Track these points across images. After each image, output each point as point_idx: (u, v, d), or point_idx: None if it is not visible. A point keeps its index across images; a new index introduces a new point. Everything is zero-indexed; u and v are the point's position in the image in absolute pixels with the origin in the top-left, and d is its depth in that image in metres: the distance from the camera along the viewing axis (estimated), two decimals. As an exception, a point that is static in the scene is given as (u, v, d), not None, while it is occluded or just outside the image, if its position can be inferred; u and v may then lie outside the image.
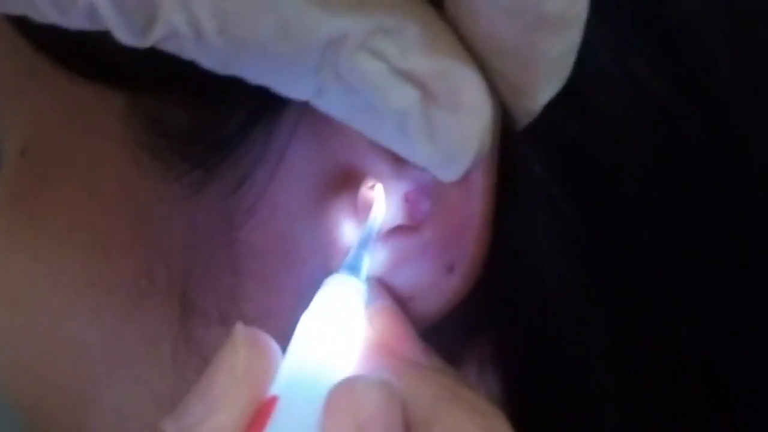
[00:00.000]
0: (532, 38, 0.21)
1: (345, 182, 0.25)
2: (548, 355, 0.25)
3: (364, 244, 0.24)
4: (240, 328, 0.22)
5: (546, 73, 0.22)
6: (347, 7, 0.20)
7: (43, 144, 0.26)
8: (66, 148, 0.25)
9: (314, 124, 0.24)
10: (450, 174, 0.22)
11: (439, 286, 0.24)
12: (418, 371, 0.22)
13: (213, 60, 0.20)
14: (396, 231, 0.25)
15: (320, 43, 0.20)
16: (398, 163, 0.24)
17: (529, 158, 0.24)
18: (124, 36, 0.20)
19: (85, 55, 0.21)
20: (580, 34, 0.21)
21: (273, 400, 0.21)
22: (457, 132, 0.21)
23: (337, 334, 0.23)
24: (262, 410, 0.21)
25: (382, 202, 0.25)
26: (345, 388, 0.20)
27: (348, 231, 0.25)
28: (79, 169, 0.25)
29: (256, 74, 0.21)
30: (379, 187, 0.25)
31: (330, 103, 0.22)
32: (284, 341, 0.25)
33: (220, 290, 0.25)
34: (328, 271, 0.25)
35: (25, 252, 0.27)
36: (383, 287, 0.25)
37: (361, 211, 0.25)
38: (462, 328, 0.26)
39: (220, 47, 0.20)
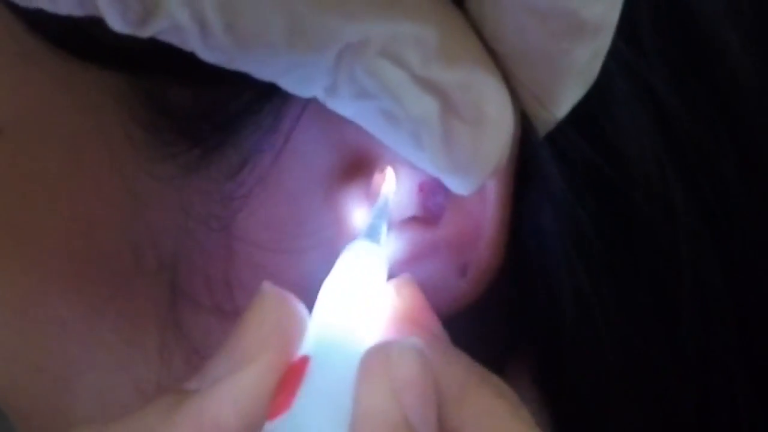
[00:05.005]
0: (565, 45, 0.19)
1: (356, 168, 0.24)
2: (565, 367, 0.24)
3: (380, 213, 0.23)
4: (268, 286, 0.21)
5: (573, 81, 0.20)
6: (368, 11, 0.19)
7: (25, 121, 0.23)
8: (50, 125, 0.23)
9: (325, 107, 0.22)
10: (464, 187, 0.21)
11: (449, 286, 0.23)
12: (446, 348, 0.21)
13: (217, 56, 0.19)
14: (409, 223, 0.24)
15: (337, 47, 0.19)
16: None
17: (547, 168, 0.23)
18: (119, 25, 0.18)
19: (81, 36, 0.19)
20: (610, 39, 0.20)
21: (304, 361, 0.20)
22: (477, 146, 0.20)
23: (363, 300, 0.22)
24: (293, 370, 0.20)
25: (392, 183, 0.24)
26: (380, 351, 0.20)
27: (358, 220, 0.24)
28: (64, 144, 0.23)
29: (262, 72, 0.19)
30: (390, 171, 0.24)
31: (340, 105, 0.20)
32: None
33: (212, 277, 0.24)
34: (329, 264, 0.24)
35: None
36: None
37: (373, 199, 0.24)
38: (504, 339, 0.25)
39: (226, 44, 0.18)
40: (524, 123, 0.22)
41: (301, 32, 0.18)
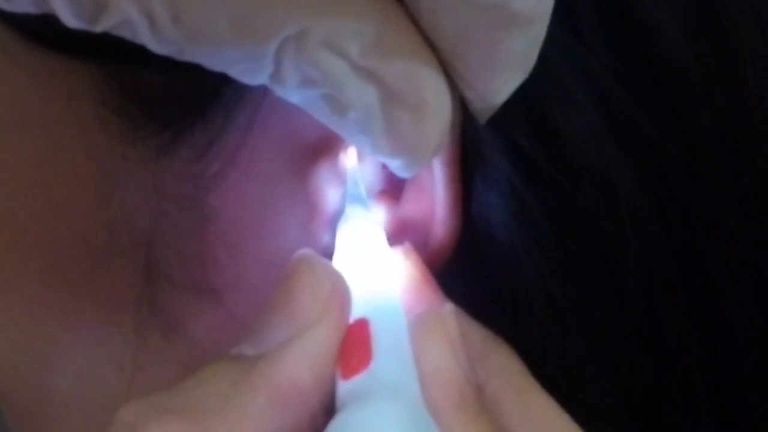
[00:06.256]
0: (498, 36, 0.20)
1: (324, 148, 0.24)
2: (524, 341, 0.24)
3: (357, 183, 0.25)
4: (309, 253, 0.22)
5: (509, 70, 0.21)
6: (307, 5, 0.19)
7: (0, 111, 0.24)
8: (25, 113, 0.24)
9: None
10: (405, 170, 0.22)
11: None
12: (463, 312, 0.23)
13: (168, 49, 0.19)
14: (379, 198, 0.25)
15: (279, 39, 0.19)
16: None
17: (489, 151, 0.24)
18: (72, 21, 0.19)
19: (51, 29, 0.20)
20: (545, 28, 0.21)
21: (364, 323, 0.22)
22: (417, 132, 0.21)
23: (384, 265, 0.23)
24: (355, 332, 0.22)
25: (354, 161, 0.25)
26: (435, 314, 0.22)
27: (331, 198, 0.25)
28: (39, 131, 0.24)
29: (212, 63, 0.20)
30: (352, 150, 0.25)
31: (287, 93, 0.21)
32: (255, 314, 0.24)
33: (186, 256, 0.24)
34: (303, 241, 0.24)
35: None
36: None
37: (342, 177, 0.25)
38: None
39: (175, 38, 0.19)
40: (465, 109, 0.22)
41: (245, 25, 0.19)
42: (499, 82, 0.21)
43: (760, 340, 0.26)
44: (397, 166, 0.22)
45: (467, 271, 0.25)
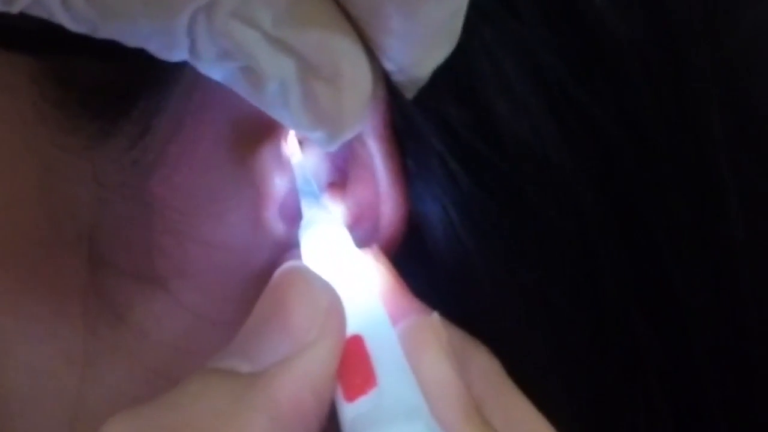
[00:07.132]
0: (413, 7, 0.20)
1: (265, 131, 0.24)
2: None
3: (307, 180, 0.24)
4: (301, 266, 0.22)
5: (429, 43, 0.21)
6: None
7: None
8: None
9: None
10: (326, 144, 0.22)
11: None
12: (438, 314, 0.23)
13: (83, 26, 0.19)
14: (331, 190, 0.25)
15: (189, 11, 0.19)
16: None
17: (418, 128, 0.23)
18: None
19: None
20: None
21: (358, 339, 0.21)
22: (335, 104, 0.21)
23: (359, 272, 0.23)
24: (351, 350, 0.21)
25: (296, 147, 0.25)
26: (428, 324, 0.21)
27: (277, 182, 0.24)
28: None
29: (128, 39, 0.20)
30: (292, 134, 0.24)
31: (207, 68, 0.21)
32: (207, 303, 0.24)
33: (131, 245, 0.24)
34: (250, 225, 0.24)
35: None
36: None
37: (288, 162, 0.25)
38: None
39: (89, 15, 0.19)
40: (390, 84, 0.22)
41: (154, 0, 0.19)
42: (419, 53, 0.21)
43: (706, 311, 0.26)
44: (317, 139, 0.22)
45: (407, 251, 0.25)
